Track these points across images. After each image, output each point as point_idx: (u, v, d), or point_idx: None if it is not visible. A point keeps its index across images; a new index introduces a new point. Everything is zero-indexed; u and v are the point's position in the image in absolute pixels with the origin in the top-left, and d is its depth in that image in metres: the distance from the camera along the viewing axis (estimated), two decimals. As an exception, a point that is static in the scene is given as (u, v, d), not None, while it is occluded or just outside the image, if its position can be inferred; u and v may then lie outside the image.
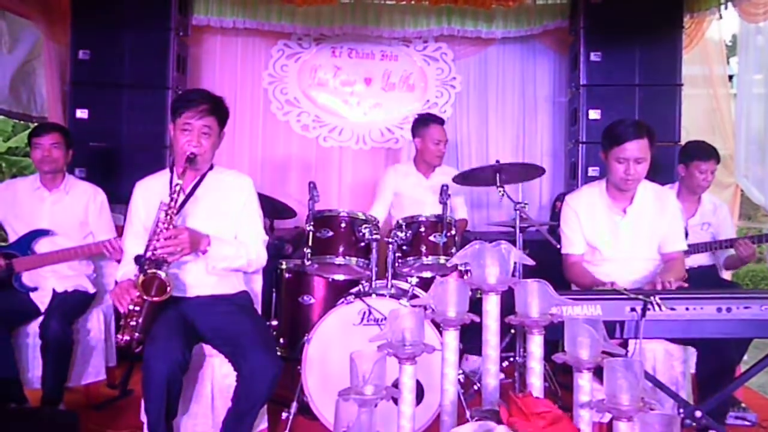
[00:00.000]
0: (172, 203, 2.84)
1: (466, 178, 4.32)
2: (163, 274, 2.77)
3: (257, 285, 3.50)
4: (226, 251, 3.00)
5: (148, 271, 2.76)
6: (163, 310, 2.86)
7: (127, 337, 2.78)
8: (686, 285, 3.03)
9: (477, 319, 1.81)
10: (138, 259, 2.85)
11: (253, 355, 2.75)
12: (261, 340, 2.85)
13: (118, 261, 3.64)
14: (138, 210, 3.12)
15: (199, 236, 2.90)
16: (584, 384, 1.57)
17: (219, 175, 3.19)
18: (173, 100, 3.12)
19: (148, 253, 2.81)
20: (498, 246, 1.84)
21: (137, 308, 2.78)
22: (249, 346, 2.79)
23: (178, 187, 2.85)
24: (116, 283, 3.00)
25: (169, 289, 2.77)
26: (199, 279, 3.07)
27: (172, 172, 3.10)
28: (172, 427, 2.79)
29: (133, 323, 2.78)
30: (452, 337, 1.78)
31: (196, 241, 2.88)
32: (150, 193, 3.11)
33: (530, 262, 1.99)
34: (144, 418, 2.85)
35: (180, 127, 3.00)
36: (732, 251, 4.18)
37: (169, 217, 2.82)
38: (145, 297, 2.76)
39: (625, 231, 3.33)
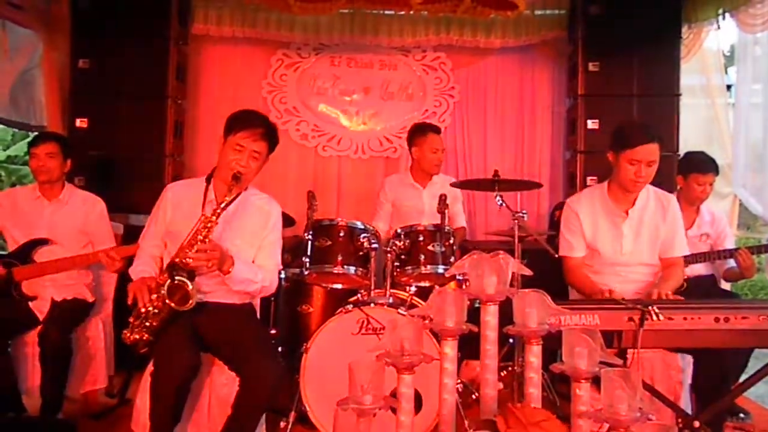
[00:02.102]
0: (214, 217, 2.85)
1: (464, 184, 4.37)
2: (190, 285, 2.78)
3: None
4: (246, 275, 3.00)
5: (177, 278, 2.77)
6: (173, 317, 2.86)
7: (136, 336, 2.79)
8: (681, 299, 3.03)
9: (475, 329, 1.81)
10: (171, 264, 2.85)
11: (256, 359, 2.76)
12: (264, 347, 2.88)
13: (116, 272, 3.66)
14: (166, 212, 3.12)
15: (225, 256, 2.90)
16: (582, 394, 1.58)
17: (252, 197, 3.19)
18: (230, 116, 3.11)
19: (177, 260, 2.82)
20: (496, 256, 1.84)
21: (156, 310, 2.79)
22: (252, 351, 2.80)
23: (224, 204, 2.87)
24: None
25: (191, 301, 2.78)
26: (210, 287, 3.07)
27: (207, 182, 3.12)
28: None
29: (147, 324, 2.79)
30: (450, 347, 1.78)
31: (224, 260, 2.88)
32: (181, 198, 3.13)
33: (528, 272, 1.99)
34: (134, 427, 2.86)
35: (232, 145, 3.02)
36: (732, 263, 4.17)
37: (207, 230, 2.84)
38: (167, 301, 2.76)
39: (626, 233, 3.34)
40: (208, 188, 3.09)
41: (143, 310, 2.79)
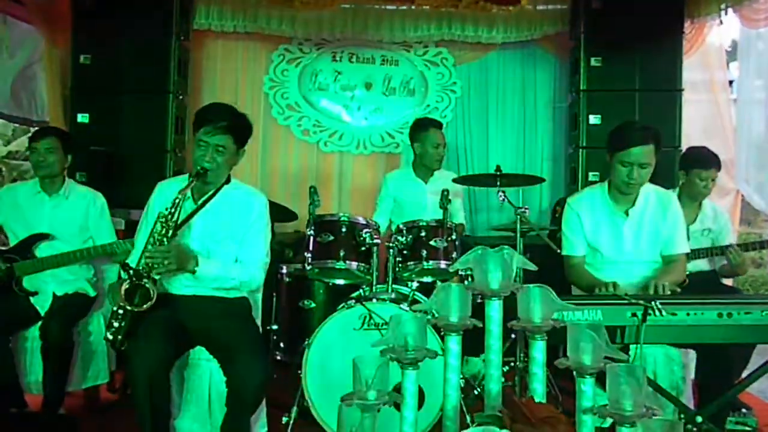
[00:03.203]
0: (169, 215, 2.83)
1: (466, 180, 4.37)
2: (148, 284, 2.76)
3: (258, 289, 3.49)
4: (216, 272, 2.97)
5: (134, 280, 2.76)
6: (150, 311, 2.84)
7: (110, 337, 2.80)
8: (679, 290, 3.02)
9: (479, 324, 1.80)
10: (125, 266, 2.83)
11: (241, 360, 2.74)
12: (249, 346, 2.84)
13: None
14: (154, 210, 3.09)
15: (187, 256, 2.88)
16: (587, 389, 1.57)
17: (233, 191, 3.15)
18: (196, 112, 3.10)
19: (140, 260, 2.82)
20: (500, 251, 1.84)
21: (120, 311, 2.79)
22: (237, 351, 2.78)
23: (177, 200, 2.85)
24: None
25: (152, 300, 2.77)
26: (191, 279, 3.06)
27: (191, 179, 3.06)
28: (168, 430, 2.80)
29: (116, 324, 2.79)
30: (455, 343, 1.78)
31: (184, 259, 2.86)
32: (167, 196, 3.08)
33: (532, 267, 1.98)
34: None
35: (197, 141, 3.00)
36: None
37: (165, 228, 2.82)
38: (127, 306, 2.76)
39: (627, 233, 3.33)
40: (189, 186, 2.97)
41: (115, 309, 2.80)
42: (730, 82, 5.76)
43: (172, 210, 2.84)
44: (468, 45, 5.99)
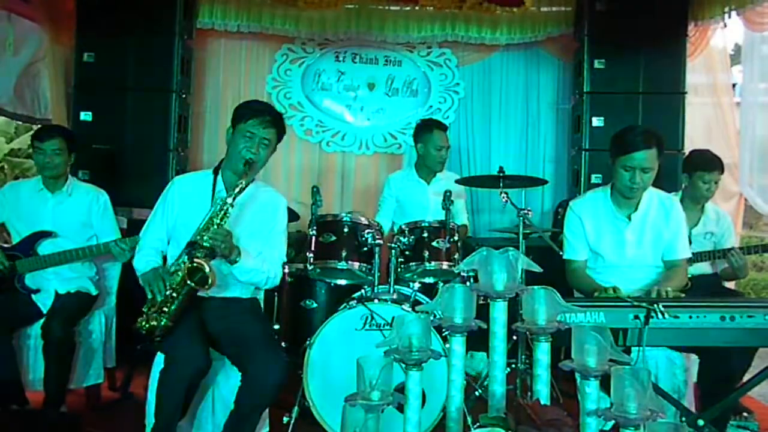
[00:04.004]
0: (230, 200, 2.85)
1: (469, 181, 4.37)
2: (207, 267, 2.75)
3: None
4: (252, 265, 2.99)
5: (197, 259, 2.76)
6: (187, 310, 2.86)
7: (153, 323, 2.76)
8: (683, 295, 3.02)
9: (484, 326, 1.80)
10: (190, 244, 2.82)
11: (260, 355, 2.75)
12: (268, 343, 2.88)
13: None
14: (173, 205, 3.12)
15: (234, 247, 2.89)
16: (591, 392, 1.57)
17: (258, 190, 3.20)
18: (238, 106, 3.13)
19: (198, 239, 2.80)
20: (505, 252, 1.83)
21: (174, 294, 2.78)
22: (256, 346, 2.80)
23: (238, 188, 2.86)
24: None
25: (211, 282, 2.76)
26: (219, 280, 3.07)
27: (215, 174, 3.12)
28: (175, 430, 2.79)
29: (165, 309, 2.76)
30: (459, 344, 1.78)
31: (232, 249, 2.87)
32: (190, 191, 3.14)
33: (538, 269, 1.98)
34: (147, 421, 2.86)
35: (242, 133, 3.02)
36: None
37: (223, 213, 2.84)
38: (188, 281, 2.75)
39: (629, 237, 3.32)
40: (216, 180, 3.10)
41: (160, 297, 2.78)
42: (733, 86, 5.76)
43: (235, 195, 2.85)
44: (471, 46, 5.99)
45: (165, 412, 2.68)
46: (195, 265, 2.76)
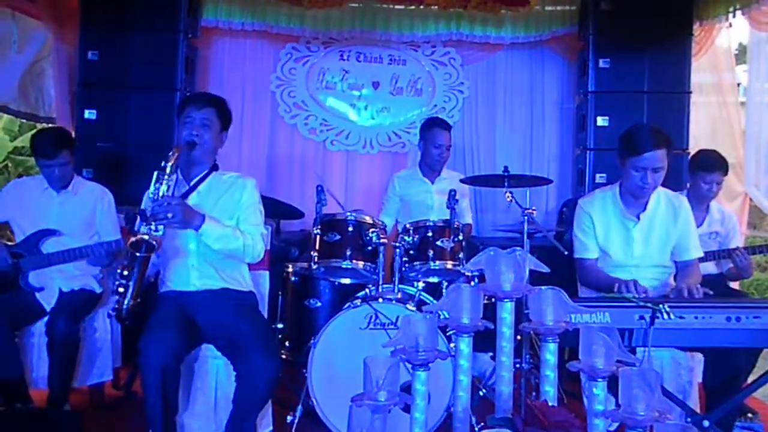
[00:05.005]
0: (169, 170, 2.84)
1: (473, 180, 4.37)
2: (147, 236, 2.71)
3: (264, 287, 3.49)
4: (221, 231, 2.96)
5: (138, 233, 2.73)
6: (160, 303, 2.90)
7: (117, 306, 2.75)
8: (711, 292, 3.00)
9: (491, 326, 1.80)
10: (136, 214, 2.85)
11: (252, 355, 2.74)
12: (261, 342, 2.84)
13: None
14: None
15: (194, 212, 2.88)
16: (599, 393, 1.56)
17: (222, 176, 3.21)
18: (178, 104, 3.16)
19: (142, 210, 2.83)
20: (513, 252, 1.83)
21: (125, 272, 2.75)
22: (248, 346, 2.78)
23: (171, 159, 2.86)
24: None
25: (156, 243, 2.72)
26: (203, 272, 3.09)
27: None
28: (175, 425, 2.79)
29: (121, 290, 2.74)
30: (465, 344, 1.77)
31: (190, 214, 2.86)
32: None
33: (545, 269, 1.98)
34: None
35: (182, 121, 3.09)
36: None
37: (162, 182, 2.82)
38: (136, 254, 2.72)
39: (637, 237, 3.31)
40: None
41: (120, 271, 2.76)
42: (738, 85, 5.75)
43: (170, 163, 2.85)
44: (476, 45, 5.98)
45: (150, 404, 2.68)
46: (135, 239, 2.73)
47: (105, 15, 5.09)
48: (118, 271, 2.78)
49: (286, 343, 3.98)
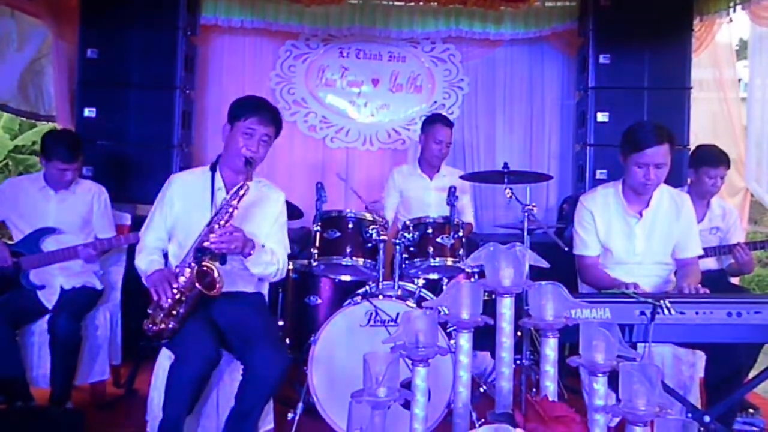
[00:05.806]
0: (235, 201, 2.87)
1: (473, 177, 4.36)
2: (216, 271, 2.80)
3: (264, 285, 3.49)
4: (265, 258, 3.02)
5: (204, 263, 2.79)
6: (194, 311, 2.87)
7: (162, 326, 2.77)
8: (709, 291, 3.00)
9: (491, 322, 1.79)
10: (198, 248, 2.83)
11: (262, 348, 2.74)
12: (271, 337, 2.87)
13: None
14: (172, 203, 3.11)
15: (247, 239, 2.91)
16: (599, 388, 1.56)
17: (257, 185, 3.17)
18: (234, 102, 3.13)
19: (206, 243, 2.81)
20: (512, 248, 1.82)
21: (183, 298, 2.79)
22: (258, 340, 2.78)
23: (243, 190, 2.88)
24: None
25: (219, 286, 2.80)
26: (226, 275, 3.07)
27: (213, 170, 3.13)
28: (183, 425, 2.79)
29: (174, 312, 2.78)
30: (466, 340, 1.77)
31: (246, 242, 2.90)
32: (188, 188, 3.13)
33: (545, 264, 1.97)
34: (149, 416, 2.86)
35: (241, 130, 3.02)
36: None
37: (228, 214, 2.86)
38: (197, 285, 2.77)
39: (639, 234, 3.31)
40: (215, 176, 3.10)
41: (168, 301, 2.77)
42: (739, 81, 5.74)
43: (241, 194, 2.87)
44: (476, 41, 5.97)
45: (174, 407, 2.68)
46: (204, 268, 2.78)
47: (104, 13, 5.07)
48: (174, 289, 2.78)
49: (287, 340, 3.98)
